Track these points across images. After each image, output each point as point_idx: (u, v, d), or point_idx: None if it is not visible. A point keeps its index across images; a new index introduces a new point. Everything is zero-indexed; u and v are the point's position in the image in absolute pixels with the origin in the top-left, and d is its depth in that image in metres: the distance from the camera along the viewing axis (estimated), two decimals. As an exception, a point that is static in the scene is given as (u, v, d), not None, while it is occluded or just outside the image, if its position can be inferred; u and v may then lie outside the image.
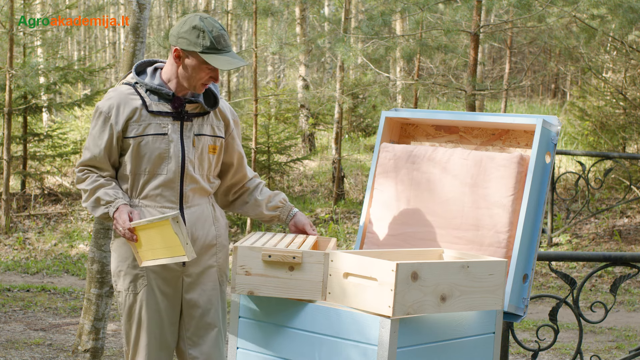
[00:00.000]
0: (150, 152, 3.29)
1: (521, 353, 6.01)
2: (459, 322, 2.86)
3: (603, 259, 4.05)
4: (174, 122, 3.32)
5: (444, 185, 3.27)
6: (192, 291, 3.39)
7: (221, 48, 3.25)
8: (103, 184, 3.28)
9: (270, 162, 11.72)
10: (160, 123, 3.31)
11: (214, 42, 3.23)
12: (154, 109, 3.30)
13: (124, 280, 3.36)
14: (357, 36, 11.76)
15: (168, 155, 3.31)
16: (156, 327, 3.37)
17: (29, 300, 7.39)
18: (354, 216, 10.80)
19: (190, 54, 3.26)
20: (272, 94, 14.85)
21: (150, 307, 3.33)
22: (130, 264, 3.34)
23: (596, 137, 12.47)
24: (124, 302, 3.38)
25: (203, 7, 18.24)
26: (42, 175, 12.02)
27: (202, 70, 3.27)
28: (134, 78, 3.35)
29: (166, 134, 3.30)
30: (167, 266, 3.34)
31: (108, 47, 22.84)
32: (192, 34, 3.24)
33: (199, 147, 3.36)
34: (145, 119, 3.29)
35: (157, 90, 3.31)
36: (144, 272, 3.32)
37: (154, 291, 3.33)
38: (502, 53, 21.85)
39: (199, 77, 3.29)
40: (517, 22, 11.39)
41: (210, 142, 3.39)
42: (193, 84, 3.30)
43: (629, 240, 9.70)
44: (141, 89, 3.33)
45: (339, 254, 2.80)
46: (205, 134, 3.38)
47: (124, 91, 3.34)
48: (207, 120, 3.40)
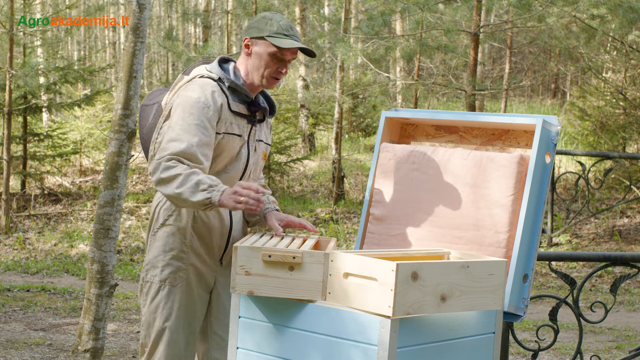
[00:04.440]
0: (227, 150, 3.30)
1: (521, 353, 6.01)
2: (459, 322, 2.86)
3: (603, 259, 4.05)
4: (247, 125, 3.35)
5: (444, 185, 3.27)
6: (222, 291, 3.40)
7: (289, 34, 3.28)
8: (197, 172, 3.10)
9: (270, 162, 11.72)
10: (239, 124, 3.32)
11: (281, 28, 3.27)
12: (234, 109, 3.31)
13: (162, 271, 3.31)
14: (357, 36, 11.76)
15: (239, 157, 3.33)
16: (186, 326, 3.34)
17: (29, 300, 7.39)
18: (354, 216, 10.80)
19: (258, 39, 3.29)
20: (272, 93, 14.85)
21: (184, 303, 3.31)
22: (176, 255, 3.30)
23: (596, 137, 12.47)
24: (156, 294, 3.32)
25: (203, 7, 18.25)
26: (42, 175, 12.02)
27: (271, 58, 3.28)
28: (218, 73, 3.32)
29: (241, 136, 3.33)
30: (206, 263, 3.35)
31: (108, 47, 22.84)
32: (260, 22, 3.31)
33: (258, 152, 3.42)
34: (228, 117, 3.29)
35: (240, 89, 3.31)
36: (186, 266, 3.31)
37: (191, 287, 3.32)
38: (502, 53, 21.85)
39: (268, 66, 3.29)
40: (517, 22, 11.39)
41: (264, 149, 3.45)
42: (264, 76, 3.30)
43: (629, 240, 9.70)
44: (224, 85, 3.32)
45: (339, 254, 2.80)
46: (262, 140, 3.44)
47: (212, 85, 3.29)
48: (263, 127, 3.45)
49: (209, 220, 3.34)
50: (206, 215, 3.33)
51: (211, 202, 3.04)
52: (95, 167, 13.47)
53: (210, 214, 3.34)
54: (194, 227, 3.33)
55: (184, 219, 3.32)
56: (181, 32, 21.78)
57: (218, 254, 3.39)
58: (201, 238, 3.34)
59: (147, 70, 22.08)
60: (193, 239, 3.33)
